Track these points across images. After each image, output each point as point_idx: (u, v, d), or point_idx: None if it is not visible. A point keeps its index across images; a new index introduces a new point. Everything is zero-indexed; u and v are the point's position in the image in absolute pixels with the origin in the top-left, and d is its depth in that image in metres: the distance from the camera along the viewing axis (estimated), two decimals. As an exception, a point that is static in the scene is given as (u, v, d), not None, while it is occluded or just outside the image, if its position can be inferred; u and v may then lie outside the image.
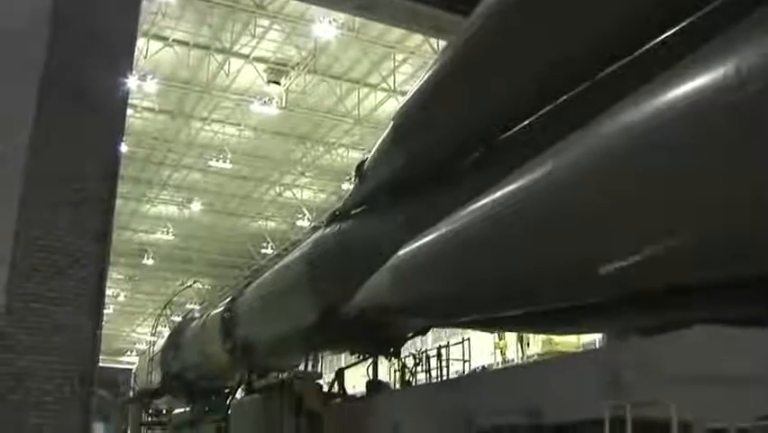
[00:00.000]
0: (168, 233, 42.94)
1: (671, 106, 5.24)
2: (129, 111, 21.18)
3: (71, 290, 11.12)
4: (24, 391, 10.46)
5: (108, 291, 27.54)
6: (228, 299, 18.29)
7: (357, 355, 13.82)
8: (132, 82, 21.62)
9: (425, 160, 10.09)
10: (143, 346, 58.14)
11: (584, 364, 7.40)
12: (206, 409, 19.70)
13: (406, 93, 28.98)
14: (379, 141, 11.24)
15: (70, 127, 11.46)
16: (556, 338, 25.17)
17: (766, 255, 5.27)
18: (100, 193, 11.74)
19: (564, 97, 7.96)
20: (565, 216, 6.47)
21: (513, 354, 27.70)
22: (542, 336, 25.50)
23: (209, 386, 20.28)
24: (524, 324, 10.23)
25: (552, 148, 6.69)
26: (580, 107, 7.07)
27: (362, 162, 11.87)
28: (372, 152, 11.45)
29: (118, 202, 12.57)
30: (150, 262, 46.62)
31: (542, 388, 7.44)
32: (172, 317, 38.69)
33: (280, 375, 15.05)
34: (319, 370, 14.74)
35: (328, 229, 12.61)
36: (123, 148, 17.86)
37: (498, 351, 28.16)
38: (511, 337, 26.99)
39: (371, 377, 13.39)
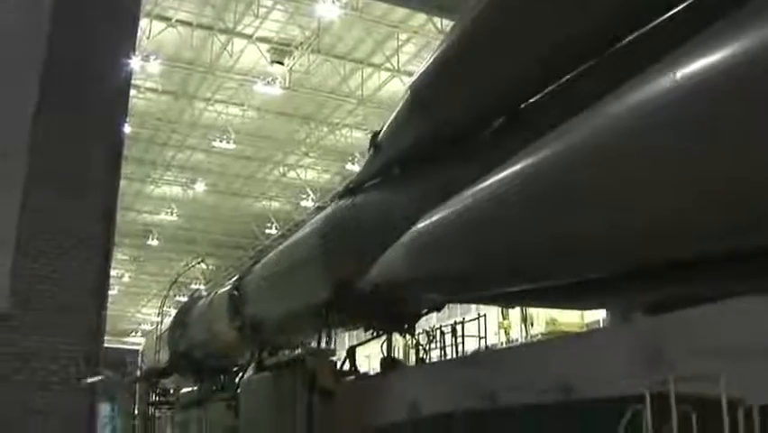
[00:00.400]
0: (172, 213, 42.99)
1: (689, 80, 5.17)
2: (132, 92, 21.14)
3: (76, 270, 11.15)
4: (30, 372, 10.51)
5: (113, 272, 27.58)
6: (236, 277, 18.12)
7: (372, 332, 13.40)
8: (135, 63, 21.59)
9: (442, 130, 9.80)
10: (148, 327, 58.40)
11: (619, 337, 7.08)
12: (214, 388, 19.57)
13: (410, 73, 29.04)
14: (395, 110, 10.92)
15: (74, 108, 11.45)
16: (560, 318, 25.19)
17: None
18: (104, 174, 11.74)
19: (588, 65, 7.76)
20: (585, 191, 6.35)
21: (516, 333, 27.69)
22: (545, 317, 25.52)
23: (217, 365, 20.14)
24: (543, 299, 9.93)
25: (569, 121, 6.57)
26: (604, 76, 6.88)
27: (377, 133, 11.50)
28: (388, 123, 11.12)
29: (122, 183, 12.56)
30: (154, 242, 46.70)
31: (573, 363, 7.20)
32: (176, 298, 38.82)
33: (292, 352, 14.82)
34: (333, 347, 14.53)
35: (341, 202, 12.30)
36: (127, 129, 17.86)
37: (503, 331, 28.12)
38: (515, 317, 26.98)
39: (385, 354, 13.07)
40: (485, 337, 15.29)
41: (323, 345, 13.66)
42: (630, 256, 6.52)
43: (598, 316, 21.12)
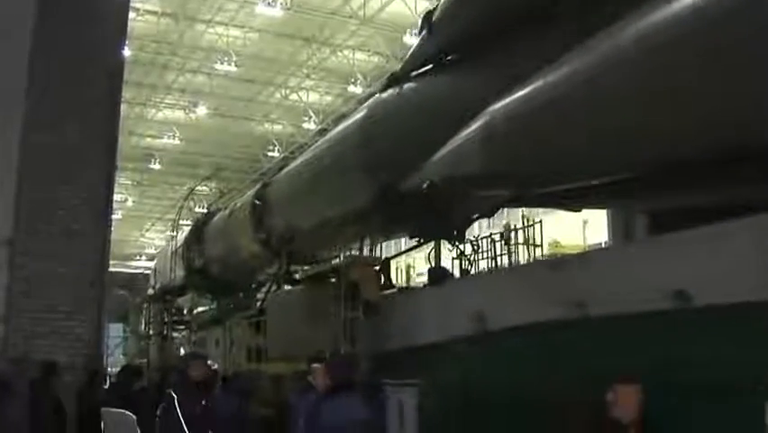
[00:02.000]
0: (174, 137, 42.86)
1: None
2: (131, 14, 20.85)
3: (79, 195, 11.21)
4: (36, 295, 10.66)
5: (116, 197, 27.59)
6: (258, 186, 17.00)
7: (418, 240, 12.26)
8: (133, -16, 21.25)
9: (514, 4, 8.61)
10: (153, 251, 58.75)
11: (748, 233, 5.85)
12: (233, 305, 18.69)
13: (412, -7, 28.55)
14: None
15: (73, 32, 11.35)
16: (563, 241, 25.23)
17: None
18: (105, 98, 11.70)
19: None
20: (673, 74, 5.69)
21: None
22: (547, 240, 25.51)
23: (236, 281, 19.22)
24: (620, 197, 8.49)
25: None
26: None
27: (430, 13, 10.12)
28: None
29: (123, 107, 12.51)
30: (156, 166, 46.67)
31: (686, 265, 6.14)
32: (180, 221, 38.88)
33: (326, 263, 13.70)
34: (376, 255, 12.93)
35: (386, 93, 10.92)
36: (126, 52, 17.65)
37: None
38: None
39: (434, 264, 11.83)
40: (540, 246, 14.58)
41: (364, 254, 12.62)
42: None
43: (600, 238, 21.16)
